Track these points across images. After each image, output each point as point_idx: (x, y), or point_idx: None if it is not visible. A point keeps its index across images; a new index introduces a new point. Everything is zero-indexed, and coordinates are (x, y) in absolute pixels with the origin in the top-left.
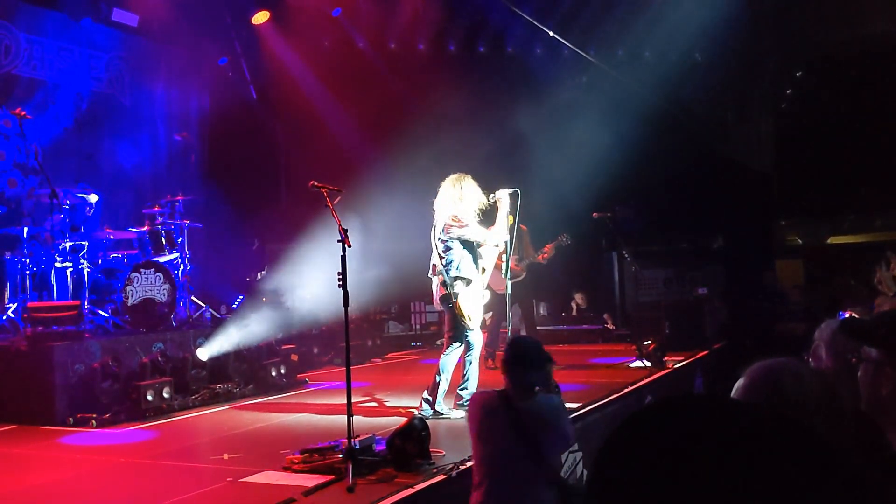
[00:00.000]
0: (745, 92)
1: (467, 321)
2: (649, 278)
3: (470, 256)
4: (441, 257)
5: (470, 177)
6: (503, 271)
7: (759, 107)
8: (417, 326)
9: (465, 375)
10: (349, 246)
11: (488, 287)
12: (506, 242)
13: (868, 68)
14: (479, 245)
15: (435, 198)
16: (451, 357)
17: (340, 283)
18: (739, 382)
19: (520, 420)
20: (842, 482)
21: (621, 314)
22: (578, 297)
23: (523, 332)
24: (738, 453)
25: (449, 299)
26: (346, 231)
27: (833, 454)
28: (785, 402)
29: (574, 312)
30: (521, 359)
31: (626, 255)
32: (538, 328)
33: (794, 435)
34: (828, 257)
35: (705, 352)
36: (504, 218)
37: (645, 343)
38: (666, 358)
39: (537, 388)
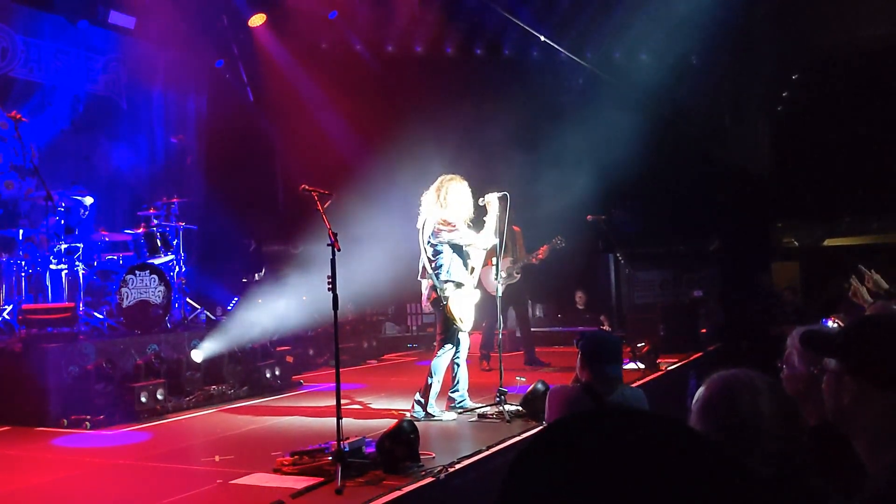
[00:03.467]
0: (742, 94)
1: (459, 323)
2: (645, 280)
3: (460, 260)
4: (431, 261)
5: (461, 178)
6: (495, 274)
7: (755, 109)
8: (414, 328)
9: (454, 378)
10: (339, 249)
11: (479, 286)
12: (496, 245)
13: (864, 71)
14: (469, 246)
15: (421, 201)
16: (442, 359)
17: (330, 286)
18: (699, 392)
19: None
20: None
21: (617, 316)
22: (579, 296)
23: (518, 334)
24: (646, 471)
25: (440, 302)
26: (335, 235)
27: (742, 471)
28: (740, 420)
29: (577, 306)
30: (602, 352)
31: (621, 258)
32: (533, 329)
33: (703, 453)
34: (824, 259)
35: (700, 354)
36: (493, 221)
37: (639, 345)
38: (660, 360)
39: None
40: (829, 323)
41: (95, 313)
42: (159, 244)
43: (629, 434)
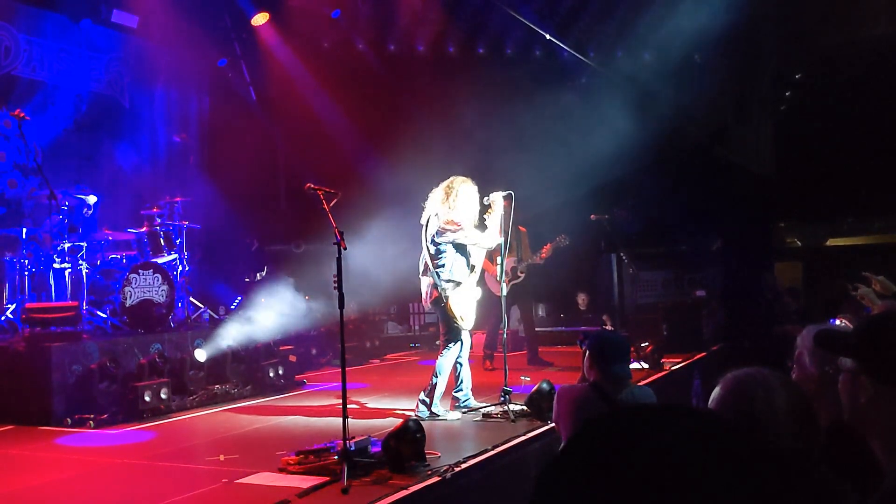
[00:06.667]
0: (745, 94)
1: (460, 322)
2: (648, 280)
3: (463, 259)
4: (433, 259)
5: (468, 180)
6: (499, 274)
7: (758, 109)
8: (416, 327)
9: (458, 377)
10: (344, 248)
11: (483, 286)
12: (500, 245)
13: (868, 71)
14: (473, 245)
15: (428, 196)
16: (447, 358)
17: (336, 285)
18: (715, 392)
19: None
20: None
21: (620, 316)
22: (581, 299)
23: (522, 334)
24: (684, 464)
25: (440, 301)
26: (341, 233)
27: (781, 466)
28: (755, 418)
29: (579, 308)
30: (610, 352)
31: (624, 258)
32: (537, 329)
33: (746, 447)
34: (827, 259)
35: (703, 353)
36: (498, 221)
37: (642, 345)
38: (663, 360)
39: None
40: (837, 323)
41: (99, 312)
42: (162, 243)
43: (657, 430)
